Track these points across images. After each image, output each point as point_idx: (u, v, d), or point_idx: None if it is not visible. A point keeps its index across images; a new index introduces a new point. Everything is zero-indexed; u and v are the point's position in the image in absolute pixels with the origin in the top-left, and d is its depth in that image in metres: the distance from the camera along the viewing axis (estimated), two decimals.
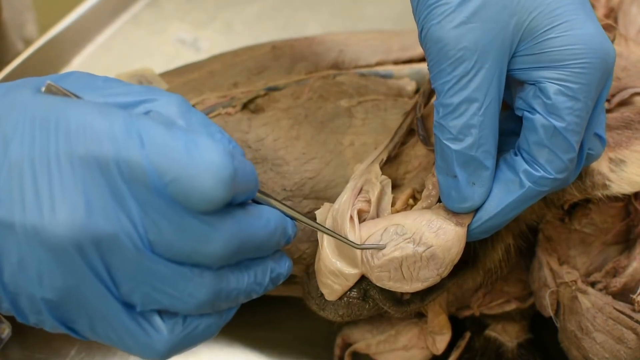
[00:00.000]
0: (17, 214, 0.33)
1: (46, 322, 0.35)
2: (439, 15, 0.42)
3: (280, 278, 0.41)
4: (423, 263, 0.44)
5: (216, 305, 0.37)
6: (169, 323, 0.36)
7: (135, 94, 0.37)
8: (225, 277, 0.37)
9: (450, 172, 0.44)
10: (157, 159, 0.33)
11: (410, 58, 0.66)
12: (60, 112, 0.34)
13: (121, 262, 0.34)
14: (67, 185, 0.33)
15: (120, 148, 0.33)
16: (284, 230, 0.39)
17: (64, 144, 0.33)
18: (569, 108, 0.42)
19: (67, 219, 0.32)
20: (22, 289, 0.34)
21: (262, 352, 0.61)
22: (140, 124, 0.34)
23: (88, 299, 0.34)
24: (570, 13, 0.43)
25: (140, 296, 0.35)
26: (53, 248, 0.33)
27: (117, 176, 0.33)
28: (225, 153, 0.34)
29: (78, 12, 0.84)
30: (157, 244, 0.34)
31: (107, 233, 0.33)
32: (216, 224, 0.35)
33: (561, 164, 0.43)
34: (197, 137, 0.34)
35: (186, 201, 0.33)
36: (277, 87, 0.62)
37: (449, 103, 0.43)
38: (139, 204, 0.33)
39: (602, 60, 0.43)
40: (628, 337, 0.50)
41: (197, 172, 0.33)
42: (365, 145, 0.57)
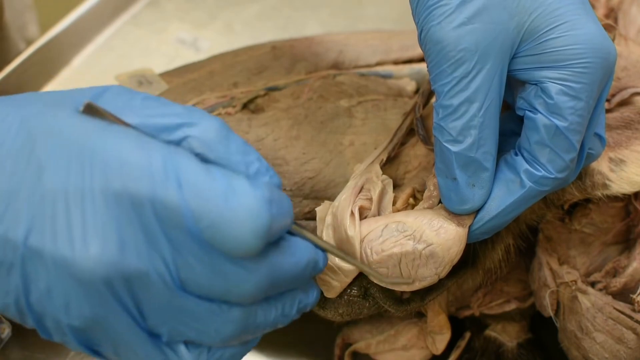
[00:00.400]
0: (47, 243, 0.32)
1: (70, 343, 0.35)
2: (439, 16, 0.42)
3: (307, 308, 0.40)
4: (422, 261, 0.44)
5: (242, 338, 0.37)
6: (194, 353, 0.36)
7: (174, 116, 0.36)
8: (253, 312, 0.36)
9: (450, 174, 0.44)
10: (194, 202, 0.33)
11: (410, 58, 0.66)
12: (97, 143, 0.33)
13: (150, 298, 0.34)
14: (100, 220, 0.32)
15: (156, 188, 0.33)
16: (315, 263, 0.39)
17: (99, 179, 0.33)
18: (571, 108, 0.42)
19: (98, 254, 0.32)
20: (48, 312, 0.34)
21: (262, 352, 0.61)
22: (178, 162, 0.33)
23: (114, 329, 0.34)
24: (570, 13, 0.43)
25: (167, 329, 0.35)
26: (82, 281, 0.32)
27: (152, 216, 0.33)
28: (263, 200, 0.33)
29: (78, 12, 0.84)
30: (188, 283, 0.34)
31: (138, 270, 0.33)
32: (250, 267, 0.34)
33: (562, 164, 0.43)
34: (235, 181, 0.34)
35: (221, 247, 0.33)
36: (277, 87, 0.62)
37: (448, 104, 0.43)
38: (171, 245, 0.33)
39: (604, 60, 0.43)
40: (628, 337, 0.50)
41: (234, 219, 0.33)
42: (365, 145, 0.57)
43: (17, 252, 0.33)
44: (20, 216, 0.33)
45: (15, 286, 0.33)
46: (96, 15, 0.86)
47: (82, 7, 0.84)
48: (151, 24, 0.91)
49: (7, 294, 0.34)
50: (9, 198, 0.33)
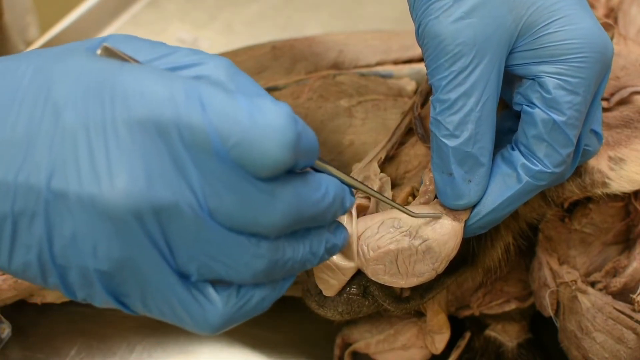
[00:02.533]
0: (72, 183, 0.31)
1: (96, 295, 0.34)
2: (436, 11, 0.42)
3: (335, 249, 0.39)
4: (419, 257, 0.44)
5: (271, 275, 0.36)
6: (223, 295, 0.35)
7: (183, 57, 0.36)
8: (281, 246, 0.35)
9: (446, 169, 0.44)
10: (220, 123, 0.32)
11: (410, 58, 0.66)
12: (116, 77, 0.32)
13: (180, 231, 0.32)
14: (125, 152, 0.31)
15: (181, 112, 0.32)
16: (342, 200, 0.38)
17: (122, 109, 0.32)
18: (569, 102, 0.43)
19: (126, 187, 0.31)
20: (73, 261, 0.33)
21: (262, 352, 0.61)
22: (200, 89, 0.33)
23: (143, 269, 0.33)
24: (567, 8, 0.43)
25: (197, 266, 0.34)
26: (111, 218, 0.31)
27: (178, 141, 0.32)
28: (289, 116, 0.33)
29: (78, 12, 0.84)
30: (217, 213, 0.33)
31: (168, 201, 0.32)
32: (277, 193, 0.33)
33: (559, 158, 0.43)
34: (259, 100, 0.33)
35: (249, 165, 0.32)
36: (277, 87, 0.62)
37: (446, 99, 0.43)
38: (200, 171, 0.32)
39: (601, 55, 0.43)
40: (628, 337, 0.50)
41: (261, 135, 0.32)
42: (365, 144, 0.57)
43: (40, 199, 0.32)
44: (41, 160, 0.32)
45: (38, 238, 0.32)
46: (96, 15, 0.86)
47: (82, 7, 0.84)
48: (151, 24, 0.91)
49: (29, 250, 0.33)
50: (28, 144, 0.32)
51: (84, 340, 0.61)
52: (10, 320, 0.59)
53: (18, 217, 0.32)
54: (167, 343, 0.61)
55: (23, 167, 0.32)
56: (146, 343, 0.61)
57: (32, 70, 0.33)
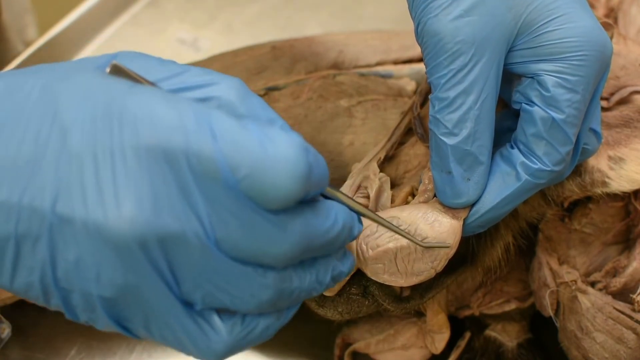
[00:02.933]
0: (77, 208, 0.31)
1: (99, 320, 0.34)
2: (436, 9, 0.42)
3: (341, 276, 0.39)
4: (418, 255, 0.44)
5: (277, 305, 0.36)
6: (228, 323, 0.35)
7: (194, 77, 0.35)
8: (288, 277, 0.35)
9: (445, 168, 0.44)
10: (230, 153, 0.31)
11: (410, 58, 0.66)
12: (124, 100, 0.32)
13: (185, 260, 0.32)
14: (132, 179, 0.31)
15: (190, 140, 0.31)
16: (350, 228, 0.37)
17: (130, 135, 0.31)
18: (568, 100, 0.43)
19: (132, 215, 0.30)
20: (76, 286, 0.32)
21: (262, 352, 0.61)
22: (210, 116, 0.32)
23: (147, 296, 0.32)
24: (566, 6, 0.43)
25: (202, 295, 0.33)
26: (115, 245, 0.31)
27: (187, 170, 0.31)
28: (300, 147, 0.32)
29: (78, 12, 0.84)
30: (224, 243, 0.32)
31: (174, 230, 0.31)
32: (286, 225, 0.33)
33: (558, 156, 0.44)
34: (270, 131, 0.32)
35: (259, 197, 0.32)
36: (277, 87, 0.62)
37: (444, 97, 0.43)
38: (207, 201, 0.31)
39: (600, 53, 0.43)
40: (628, 337, 0.50)
41: (272, 167, 0.31)
42: (365, 145, 0.57)
43: (44, 222, 0.31)
44: (46, 183, 0.31)
45: (41, 260, 0.32)
46: (96, 15, 0.86)
47: (82, 7, 0.84)
48: (151, 24, 0.91)
49: (31, 271, 0.32)
50: (34, 165, 0.31)
51: (84, 340, 0.61)
52: (10, 320, 0.59)
53: (21, 239, 0.32)
54: None
55: (28, 189, 0.31)
56: (146, 343, 0.61)
57: (39, 89, 0.33)
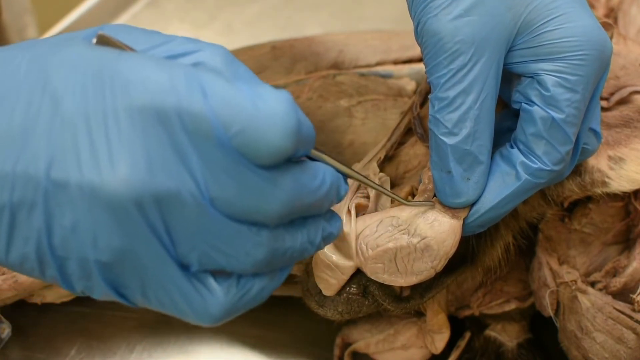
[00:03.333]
0: (72, 172, 0.31)
1: (95, 287, 0.34)
2: (435, 9, 0.42)
3: (331, 237, 0.39)
4: (417, 255, 0.44)
5: (271, 264, 0.36)
6: (224, 285, 0.35)
7: (179, 45, 0.35)
8: (280, 235, 0.35)
9: (445, 167, 0.44)
10: (222, 110, 0.31)
11: (410, 58, 0.66)
12: (115, 65, 0.32)
13: (181, 219, 0.32)
14: (126, 139, 0.31)
15: (182, 100, 0.31)
16: (337, 188, 0.37)
17: (122, 97, 0.31)
18: (567, 100, 0.43)
19: (127, 175, 0.31)
20: (73, 252, 0.32)
21: (262, 352, 0.61)
22: (201, 76, 0.32)
23: (144, 259, 0.32)
24: (566, 6, 0.43)
25: (197, 255, 0.33)
26: (112, 206, 0.31)
27: (180, 129, 0.31)
28: (290, 103, 0.32)
29: (78, 12, 0.84)
30: (218, 201, 0.32)
31: (169, 189, 0.31)
32: (277, 181, 0.33)
33: (558, 156, 0.44)
34: (260, 88, 0.32)
35: (251, 153, 0.32)
36: (277, 87, 0.62)
37: (444, 97, 0.43)
38: (201, 159, 0.32)
39: (599, 52, 0.43)
40: (628, 337, 0.50)
41: (263, 123, 0.31)
42: (365, 145, 0.57)
43: (39, 188, 0.31)
44: (40, 150, 0.31)
45: (37, 229, 0.32)
46: (96, 15, 0.86)
47: (82, 7, 0.84)
48: (151, 24, 0.91)
49: (27, 241, 0.32)
50: (26, 133, 0.31)
51: (84, 340, 0.61)
52: (10, 320, 0.59)
53: (16, 208, 0.32)
54: (167, 343, 0.61)
55: (21, 157, 0.31)
56: (146, 343, 0.61)
57: (28, 60, 0.33)
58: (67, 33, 0.36)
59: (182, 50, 0.35)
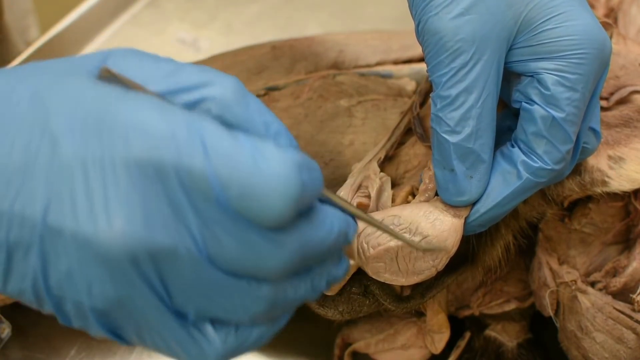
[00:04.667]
0: (67, 220, 0.30)
1: (91, 328, 0.33)
2: (436, 7, 0.43)
3: (337, 281, 0.38)
4: (419, 254, 0.44)
5: (270, 315, 0.35)
6: (221, 333, 0.34)
7: (190, 76, 0.34)
8: (282, 288, 0.34)
9: (448, 165, 0.44)
10: (222, 170, 0.31)
11: (410, 58, 0.66)
12: (116, 110, 0.31)
13: (177, 274, 0.31)
14: (123, 192, 0.30)
15: (182, 155, 0.30)
16: (346, 234, 0.36)
17: (120, 147, 0.30)
18: (567, 99, 0.43)
19: (122, 229, 0.30)
20: (68, 295, 0.32)
21: (262, 352, 0.61)
22: (203, 128, 0.31)
23: (139, 309, 0.32)
24: (566, 4, 0.43)
25: (194, 308, 0.33)
26: (105, 259, 0.30)
27: (178, 186, 0.31)
28: (293, 165, 0.31)
29: (78, 12, 0.84)
30: (217, 258, 0.32)
31: (165, 246, 0.30)
32: (281, 240, 0.32)
33: (559, 155, 0.44)
34: (263, 146, 0.31)
35: (252, 216, 0.31)
36: (277, 87, 0.62)
37: (446, 95, 0.43)
38: (199, 217, 0.31)
39: (599, 51, 0.43)
40: (628, 337, 0.50)
41: (264, 185, 0.30)
42: (365, 144, 0.57)
43: (35, 231, 0.31)
44: (37, 192, 0.31)
45: (33, 269, 0.31)
46: (96, 15, 0.86)
47: (82, 7, 0.84)
48: (151, 24, 0.91)
49: (23, 278, 0.32)
50: (24, 174, 0.31)
51: (84, 340, 0.61)
52: (10, 320, 0.59)
53: (13, 247, 0.31)
54: None
55: (19, 197, 0.31)
56: None
57: (28, 96, 0.32)
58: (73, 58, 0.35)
59: (192, 83, 0.34)
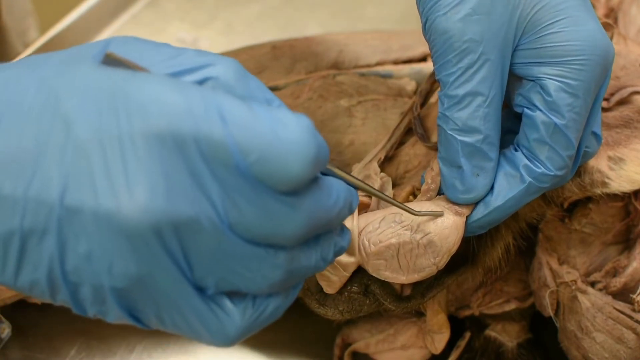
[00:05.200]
0: (87, 199, 0.30)
1: (109, 312, 0.33)
2: (444, 7, 0.43)
3: (342, 251, 0.39)
4: (420, 251, 0.44)
5: (286, 284, 0.36)
6: (240, 306, 0.34)
7: (190, 59, 0.35)
8: (296, 256, 0.35)
9: (455, 162, 0.44)
10: (241, 137, 0.31)
11: (410, 58, 0.66)
12: (129, 87, 0.31)
13: (199, 245, 0.32)
14: (143, 165, 0.30)
15: (200, 125, 0.31)
16: (350, 203, 0.37)
17: (138, 121, 0.30)
18: (569, 105, 0.43)
19: (145, 202, 0.30)
20: (87, 278, 0.31)
21: (262, 352, 0.61)
22: (218, 99, 0.32)
23: (161, 284, 0.32)
24: (572, 9, 0.43)
25: (215, 279, 0.33)
26: (129, 234, 0.30)
27: (198, 155, 0.31)
28: (309, 129, 0.32)
29: (78, 12, 0.84)
30: (237, 226, 0.32)
31: (188, 216, 0.31)
32: (297, 204, 0.33)
33: (561, 161, 0.44)
34: (278, 112, 0.32)
35: (272, 180, 0.31)
36: (277, 87, 0.62)
37: (454, 94, 0.43)
38: (220, 185, 0.31)
39: (602, 58, 0.43)
40: (628, 337, 0.50)
41: (283, 150, 0.31)
42: (365, 144, 0.57)
43: (53, 215, 0.30)
44: (53, 175, 0.30)
45: (48, 255, 0.31)
46: (96, 15, 0.86)
47: (82, 8, 0.84)
48: (151, 24, 0.91)
49: (37, 267, 0.32)
50: (37, 158, 0.30)
51: (84, 340, 0.61)
52: (10, 320, 0.59)
53: (27, 234, 0.31)
54: (167, 343, 0.61)
55: (33, 182, 0.30)
56: (146, 343, 0.61)
57: (36, 82, 0.32)
58: (75, 48, 0.36)
59: (194, 65, 0.34)
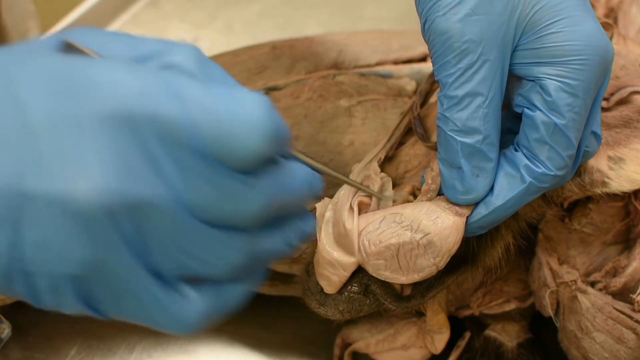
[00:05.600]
0: (40, 184, 0.29)
1: (65, 302, 0.32)
2: (443, 7, 0.43)
3: (307, 237, 0.38)
4: (420, 251, 0.44)
5: (248, 269, 0.35)
6: (200, 293, 0.34)
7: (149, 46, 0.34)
8: (257, 239, 0.34)
9: (455, 163, 0.44)
10: (197, 115, 0.30)
11: (410, 58, 0.66)
12: (84, 71, 0.31)
13: (155, 228, 0.31)
14: (97, 148, 0.30)
15: (155, 105, 0.30)
16: (314, 187, 0.37)
17: (92, 103, 0.30)
18: (569, 105, 0.43)
19: (98, 183, 0.29)
20: (43, 267, 0.31)
21: (262, 352, 0.61)
22: (174, 80, 0.31)
23: (117, 270, 0.31)
24: (572, 9, 0.43)
25: (172, 264, 0.32)
26: (82, 217, 0.29)
27: (152, 135, 0.30)
28: (267, 106, 0.31)
29: (78, 12, 0.84)
30: (195, 207, 0.31)
31: (143, 198, 0.30)
32: (256, 184, 0.32)
33: (561, 161, 0.44)
34: (236, 91, 0.32)
35: (229, 159, 0.31)
36: (277, 87, 0.62)
37: (453, 95, 0.43)
38: (176, 166, 0.31)
39: (601, 58, 0.43)
40: (628, 337, 0.50)
41: (240, 128, 0.31)
42: (365, 144, 0.57)
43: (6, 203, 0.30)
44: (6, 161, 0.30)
45: (6, 246, 0.30)
46: (96, 15, 0.86)
47: (82, 8, 0.85)
48: (151, 24, 0.91)
49: None
50: None
51: (84, 340, 0.61)
52: (10, 320, 0.59)
53: None
54: (167, 343, 0.61)
55: None
56: (146, 343, 0.61)
57: None
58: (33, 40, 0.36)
59: (153, 52, 0.34)
